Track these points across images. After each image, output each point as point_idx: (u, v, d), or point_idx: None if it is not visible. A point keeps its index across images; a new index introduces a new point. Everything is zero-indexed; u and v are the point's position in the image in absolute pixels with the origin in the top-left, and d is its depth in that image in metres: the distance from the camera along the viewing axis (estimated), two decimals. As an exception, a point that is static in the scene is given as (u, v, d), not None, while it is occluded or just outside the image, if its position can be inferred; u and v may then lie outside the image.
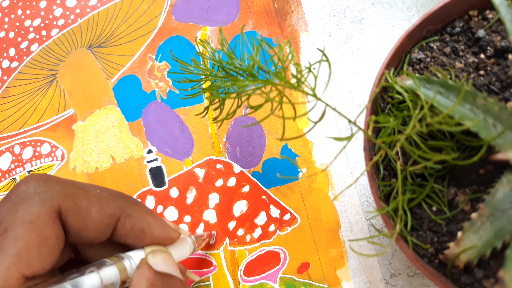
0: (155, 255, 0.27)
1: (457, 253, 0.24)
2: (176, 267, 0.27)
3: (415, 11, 0.38)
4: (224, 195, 0.37)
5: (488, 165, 0.26)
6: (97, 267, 0.25)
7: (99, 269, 0.24)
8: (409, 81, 0.26)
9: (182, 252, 0.30)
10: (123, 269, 0.26)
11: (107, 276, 0.24)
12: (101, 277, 0.24)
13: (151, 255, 0.27)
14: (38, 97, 0.40)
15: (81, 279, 0.23)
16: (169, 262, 0.27)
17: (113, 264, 0.25)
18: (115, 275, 0.25)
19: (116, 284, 0.25)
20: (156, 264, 0.26)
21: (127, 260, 0.26)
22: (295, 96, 0.38)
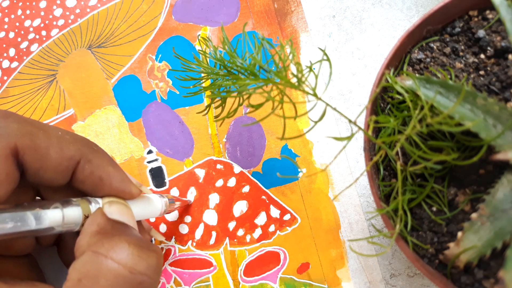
0: (111, 205, 0.26)
1: (457, 253, 0.24)
2: (132, 219, 0.27)
3: (415, 11, 0.38)
4: (224, 196, 0.37)
5: (488, 165, 0.26)
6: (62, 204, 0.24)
7: (64, 206, 0.24)
8: (409, 81, 0.26)
9: (146, 210, 0.29)
10: (87, 210, 0.25)
11: (70, 215, 0.24)
12: (64, 215, 0.24)
13: (108, 205, 0.26)
14: (38, 97, 0.40)
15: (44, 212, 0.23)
16: (126, 214, 0.27)
17: (78, 205, 0.25)
18: (78, 216, 0.25)
19: (77, 224, 0.25)
20: (111, 213, 0.26)
21: (93, 204, 0.26)
22: (295, 96, 0.38)
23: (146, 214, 0.29)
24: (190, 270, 0.36)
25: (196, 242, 0.36)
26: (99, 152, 0.27)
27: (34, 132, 0.24)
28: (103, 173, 0.26)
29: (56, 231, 0.24)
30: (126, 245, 0.24)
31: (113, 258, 0.23)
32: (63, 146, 0.25)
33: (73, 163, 0.25)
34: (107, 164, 0.27)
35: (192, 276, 0.36)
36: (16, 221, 0.22)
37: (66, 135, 0.26)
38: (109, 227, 0.25)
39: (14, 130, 0.24)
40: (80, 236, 0.25)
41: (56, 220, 0.23)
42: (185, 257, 0.36)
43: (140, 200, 0.29)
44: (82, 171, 0.26)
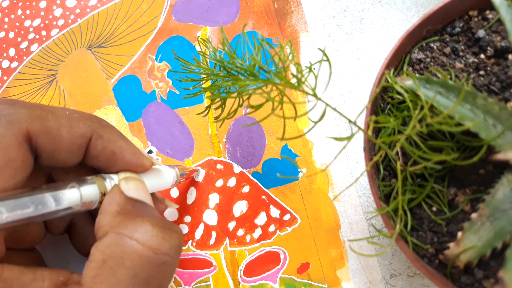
0: (127, 182, 0.26)
1: (457, 253, 0.24)
2: (148, 195, 0.27)
3: (415, 11, 0.38)
4: (224, 196, 0.37)
5: (488, 165, 0.26)
6: (78, 183, 0.24)
7: (80, 185, 0.24)
8: (409, 81, 0.26)
9: (158, 182, 0.29)
10: (103, 188, 0.25)
11: (87, 193, 0.24)
12: (81, 193, 0.24)
13: (124, 181, 0.26)
14: (38, 97, 0.40)
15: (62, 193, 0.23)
16: (142, 190, 0.27)
17: (94, 183, 0.25)
18: (95, 193, 0.25)
19: (94, 202, 0.25)
20: (128, 190, 0.26)
21: (108, 180, 0.26)
22: (295, 96, 0.38)
23: (158, 186, 0.29)
24: (190, 270, 0.36)
25: (196, 242, 0.36)
26: (108, 127, 0.27)
27: (43, 115, 0.24)
28: (115, 147, 0.26)
29: (74, 211, 0.24)
30: (150, 226, 0.24)
31: (137, 239, 0.23)
32: (73, 124, 0.25)
33: (85, 140, 0.26)
34: (118, 138, 0.27)
35: (192, 276, 0.36)
36: (36, 204, 0.22)
37: (74, 113, 0.26)
38: (129, 207, 0.25)
39: (24, 116, 0.24)
40: (100, 215, 0.25)
41: (74, 200, 0.24)
42: (185, 257, 0.36)
43: (152, 173, 0.29)
44: (94, 147, 0.26)
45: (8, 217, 0.21)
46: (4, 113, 0.23)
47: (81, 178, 0.25)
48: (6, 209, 0.21)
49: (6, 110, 0.24)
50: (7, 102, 0.24)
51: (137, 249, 0.23)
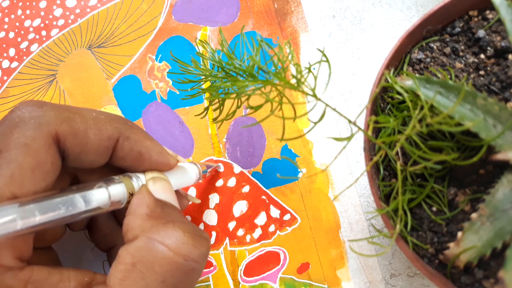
0: (155, 182, 0.27)
1: (457, 253, 0.24)
2: (174, 196, 0.27)
3: (415, 11, 0.38)
4: (224, 195, 0.37)
5: (488, 165, 0.26)
6: (105, 183, 0.24)
7: (108, 185, 0.24)
8: (409, 81, 0.26)
9: (183, 180, 0.30)
10: (130, 187, 0.26)
11: (115, 192, 0.25)
12: (110, 193, 0.24)
13: (152, 182, 0.26)
14: (38, 97, 0.40)
15: (91, 193, 0.23)
16: (168, 191, 0.27)
17: (121, 182, 0.25)
18: (123, 192, 0.25)
19: (122, 201, 0.25)
20: (156, 191, 0.26)
21: (134, 179, 0.26)
22: (295, 97, 0.38)
23: (182, 183, 0.30)
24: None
25: (196, 242, 0.36)
26: (134, 128, 0.27)
27: (71, 117, 0.24)
28: (142, 148, 0.27)
29: (103, 211, 0.24)
30: (182, 233, 0.24)
31: (168, 246, 0.23)
32: (100, 126, 0.25)
33: (113, 142, 0.26)
34: (145, 139, 0.27)
35: (192, 276, 0.36)
36: (67, 206, 0.22)
37: (100, 115, 0.26)
38: (159, 210, 0.25)
39: (53, 118, 0.24)
40: (130, 217, 0.25)
41: (103, 200, 0.24)
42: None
43: (176, 170, 0.29)
44: (121, 149, 0.26)
45: (41, 219, 0.21)
46: (33, 115, 0.23)
47: (108, 177, 0.25)
48: (38, 212, 0.21)
49: (35, 112, 0.24)
50: (36, 104, 0.24)
51: (167, 255, 0.23)
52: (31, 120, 0.23)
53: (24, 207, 0.21)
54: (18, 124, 0.23)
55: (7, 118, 0.24)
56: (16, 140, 0.22)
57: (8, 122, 0.23)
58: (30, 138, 0.23)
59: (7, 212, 0.20)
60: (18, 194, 0.22)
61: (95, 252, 0.35)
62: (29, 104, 0.24)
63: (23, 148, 0.22)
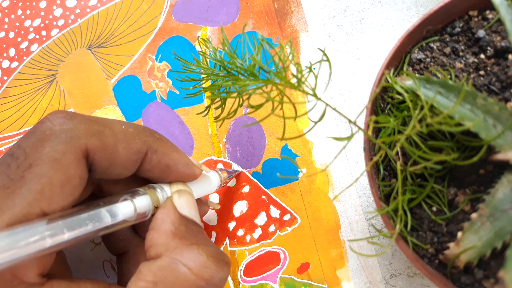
0: (180, 196, 0.26)
1: (457, 253, 0.24)
2: (197, 212, 0.27)
3: (415, 11, 0.38)
4: (224, 196, 0.37)
5: (488, 165, 0.26)
6: (130, 196, 0.24)
7: (133, 197, 0.24)
8: (409, 81, 0.26)
9: (206, 188, 0.30)
10: (155, 199, 0.25)
11: (141, 205, 0.24)
12: (135, 206, 0.24)
13: (177, 195, 0.26)
14: (38, 97, 0.40)
15: (116, 206, 0.23)
16: (192, 206, 0.27)
17: (146, 194, 0.25)
18: (148, 204, 0.25)
19: (148, 213, 0.25)
20: (181, 206, 0.26)
21: (159, 191, 0.26)
22: (295, 96, 0.38)
23: (205, 191, 0.30)
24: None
25: (196, 242, 0.36)
26: (162, 140, 0.27)
27: (101, 131, 0.24)
28: (170, 160, 0.27)
29: (129, 224, 0.24)
30: (205, 257, 0.24)
31: (192, 269, 0.23)
32: (129, 140, 0.25)
33: (141, 156, 0.26)
34: (172, 151, 0.27)
35: (192, 276, 0.36)
36: (94, 221, 0.22)
37: (129, 128, 0.26)
38: (183, 228, 0.25)
39: (83, 132, 0.24)
40: (154, 233, 0.25)
41: (128, 213, 0.24)
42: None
43: (200, 179, 0.29)
44: (149, 162, 0.26)
45: (69, 236, 0.21)
46: (64, 128, 0.23)
47: (133, 190, 0.25)
48: (67, 229, 0.21)
49: (66, 125, 0.23)
50: (66, 116, 0.24)
51: (190, 278, 0.23)
52: (61, 134, 0.23)
53: (52, 224, 0.20)
54: (49, 137, 0.23)
55: (37, 129, 0.23)
56: (47, 154, 0.22)
57: (39, 134, 0.23)
58: (61, 153, 0.22)
59: (37, 230, 0.20)
60: (47, 211, 0.22)
61: (95, 252, 0.35)
62: (59, 115, 0.24)
63: (54, 163, 0.22)
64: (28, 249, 0.19)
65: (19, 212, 0.21)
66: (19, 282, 0.22)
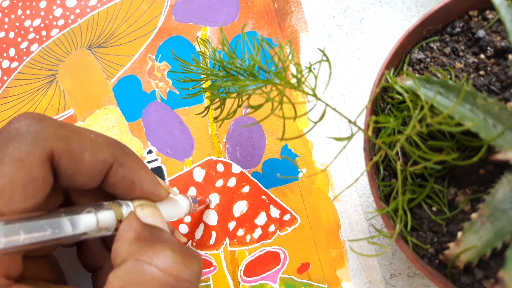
0: (143, 208, 0.26)
1: (457, 253, 0.24)
2: (164, 221, 0.27)
3: (415, 11, 0.38)
4: (224, 196, 0.37)
5: (488, 165, 0.26)
6: (95, 208, 0.24)
7: (97, 210, 0.24)
8: (409, 81, 0.26)
9: (173, 212, 0.29)
10: (119, 214, 0.25)
11: (104, 219, 0.24)
12: (98, 219, 0.24)
13: (140, 208, 0.26)
14: (38, 97, 0.40)
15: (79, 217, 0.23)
16: (157, 216, 0.26)
17: (110, 208, 0.25)
18: (111, 219, 0.24)
19: (110, 228, 0.25)
20: (144, 217, 0.26)
21: (124, 207, 0.26)
22: (295, 96, 0.38)
23: (172, 215, 0.29)
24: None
25: (196, 242, 0.36)
26: (131, 155, 0.27)
27: (68, 136, 0.24)
28: (135, 177, 0.26)
29: (89, 236, 0.24)
30: (170, 252, 0.24)
31: (157, 266, 0.23)
32: (97, 149, 0.25)
33: (107, 167, 0.25)
34: (139, 168, 0.27)
35: (192, 276, 0.36)
36: (54, 228, 0.22)
37: (98, 138, 0.26)
38: (147, 233, 0.25)
39: (50, 134, 0.23)
40: (118, 243, 0.24)
41: (90, 225, 0.23)
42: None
43: (167, 202, 0.29)
44: (114, 175, 0.26)
45: (25, 239, 0.21)
46: (31, 130, 0.23)
47: (98, 203, 0.25)
48: (24, 231, 0.20)
49: (33, 126, 0.23)
50: (35, 118, 0.24)
51: (157, 276, 0.23)
52: (27, 135, 0.23)
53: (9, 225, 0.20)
54: (14, 137, 0.22)
55: (4, 129, 0.23)
56: (10, 154, 0.22)
57: (5, 135, 0.23)
58: (25, 153, 0.22)
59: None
60: (5, 211, 0.21)
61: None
62: (28, 117, 0.24)
63: (17, 163, 0.22)
64: None
65: None
66: None
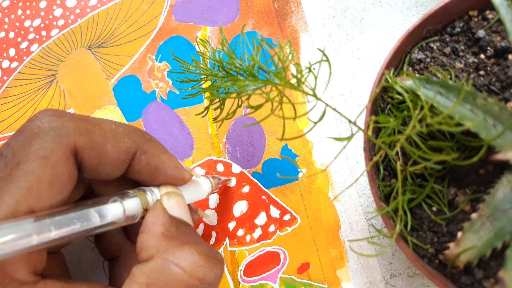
0: (170, 198, 0.26)
1: (457, 253, 0.24)
2: (188, 213, 0.27)
3: (415, 11, 0.38)
4: (224, 196, 0.37)
5: (488, 165, 0.26)
6: (120, 197, 0.24)
7: (123, 199, 0.24)
8: (409, 81, 0.26)
9: (196, 194, 0.30)
10: (145, 202, 0.25)
11: (130, 207, 0.24)
12: (124, 207, 0.24)
13: (166, 197, 0.26)
14: (38, 97, 0.40)
15: (105, 207, 0.23)
16: (183, 207, 0.27)
17: (135, 196, 0.25)
18: (137, 207, 0.25)
19: (137, 216, 0.25)
20: (170, 208, 0.26)
21: (149, 193, 0.26)
22: (295, 96, 0.38)
23: (195, 197, 0.30)
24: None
25: (196, 242, 0.36)
26: (152, 141, 0.27)
27: (90, 129, 0.24)
28: (159, 162, 0.26)
29: (117, 226, 0.24)
30: (197, 256, 0.24)
31: (184, 268, 0.23)
32: (119, 139, 0.25)
33: (130, 156, 0.25)
34: (162, 153, 0.27)
35: (192, 276, 0.36)
36: (82, 221, 0.22)
37: (119, 127, 0.26)
38: (174, 229, 0.25)
39: (72, 129, 0.23)
40: (144, 235, 0.25)
41: (117, 214, 0.24)
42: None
43: (190, 185, 0.29)
44: (138, 162, 0.26)
45: (56, 234, 0.21)
46: (53, 126, 0.23)
47: (123, 192, 0.25)
48: (54, 227, 0.21)
49: (54, 122, 0.23)
50: (55, 114, 0.24)
51: (183, 278, 0.23)
52: (50, 131, 0.23)
53: (39, 222, 0.20)
54: (37, 135, 0.23)
55: (26, 127, 0.23)
56: (35, 152, 0.22)
57: (28, 132, 0.23)
58: (49, 150, 0.22)
59: (23, 227, 0.20)
60: (35, 208, 0.22)
61: (95, 252, 0.35)
62: (48, 113, 0.24)
63: (42, 161, 0.22)
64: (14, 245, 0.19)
65: (6, 209, 0.21)
66: (10, 280, 0.22)
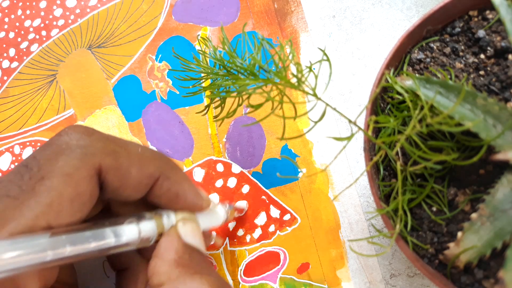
0: (185, 224, 0.26)
1: (457, 253, 0.24)
2: (202, 241, 0.27)
3: (415, 11, 0.38)
4: (224, 196, 0.37)
5: (488, 165, 0.26)
6: (137, 219, 0.24)
7: (139, 221, 0.24)
8: (409, 81, 0.26)
9: (211, 221, 0.30)
10: (161, 225, 0.25)
11: (146, 230, 0.24)
12: (140, 229, 0.24)
13: (182, 223, 0.26)
14: (38, 97, 0.40)
15: (121, 228, 0.23)
16: (197, 235, 0.27)
17: (152, 219, 0.25)
18: (153, 230, 0.25)
19: (151, 239, 0.25)
20: (185, 235, 0.26)
21: (165, 218, 0.26)
22: (295, 96, 0.38)
23: (211, 224, 0.30)
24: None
25: (196, 242, 0.36)
26: (176, 169, 0.27)
27: (117, 151, 0.24)
28: (180, 189, 0.27)
29: (131, 247, 0.24)
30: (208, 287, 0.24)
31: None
32: (143, 164, 0.25)
33: (152, 181, 0.26)
34: (184, 180, 0.27)
35: (192, 276, 0.36)
36: (98, 240, 0.22)
37: (146, 152, 0.26)
38: (187, 257, 0.25)
39: (99, 150, 0.24)
40: (158, 261, 0.25)
41: (133, 236, 0.24)
42: (185, 257, 0.36)
43: (207, 212, 0.29)
44: (160, 188, 0.26)
45: (71, 251, 0.21)
46: (80, 144, 0.23)
47: (140, 213, 0.25)
48: (69, 244, 0.21)
49: (83, 140, 0.23)
50: (84, 132, 0.24)
51: None
52: (77, 149, 0.23)
53: (55, 238, 0.20)
54: (64, 151, 0.23)
55: (53, 142, 0.23)
56: (60, 168, 0.22)
57: (55, 147, 0.23)
58: (74, 168, 0.22)
59: (39, 242, 0.20)
60: (53, 224, 0.22)
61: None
62: (77, 130, 0.24)
63: (65, 178, 0.22)
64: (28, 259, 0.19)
65: (25, 223, 0.21)
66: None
